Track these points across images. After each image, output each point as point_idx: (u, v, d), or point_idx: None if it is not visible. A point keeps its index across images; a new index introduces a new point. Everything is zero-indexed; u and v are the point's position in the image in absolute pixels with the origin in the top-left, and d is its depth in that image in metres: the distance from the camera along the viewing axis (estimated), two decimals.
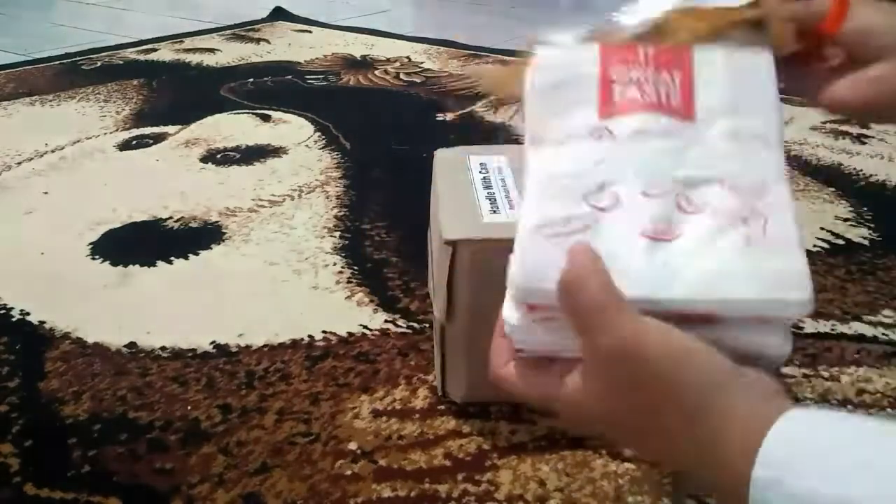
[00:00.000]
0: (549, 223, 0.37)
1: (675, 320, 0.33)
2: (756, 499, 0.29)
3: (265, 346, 0.75)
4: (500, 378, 0.40)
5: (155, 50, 1.87)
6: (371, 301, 0.82)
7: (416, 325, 0.78)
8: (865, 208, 1.05)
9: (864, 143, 1.30)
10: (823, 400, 0.67)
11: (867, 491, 0.27)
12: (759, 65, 0.42)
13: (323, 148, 1.25)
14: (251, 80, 1.62)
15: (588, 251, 0.35)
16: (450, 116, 1.40)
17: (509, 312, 0.38)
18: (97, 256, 0.91)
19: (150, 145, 1.26)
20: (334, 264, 0.90)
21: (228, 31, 2.07)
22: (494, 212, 0.61)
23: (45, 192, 1.08)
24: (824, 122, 1.40)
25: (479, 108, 1.43)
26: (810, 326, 0.78)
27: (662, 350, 0.32)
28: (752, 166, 0.39)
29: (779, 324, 0.37)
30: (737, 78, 0.41)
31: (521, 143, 0.42)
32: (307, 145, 1.26)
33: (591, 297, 0.33)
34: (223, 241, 0.95)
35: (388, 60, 1.79)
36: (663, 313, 0.34)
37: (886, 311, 0.80)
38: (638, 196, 0.37)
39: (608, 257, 0.35)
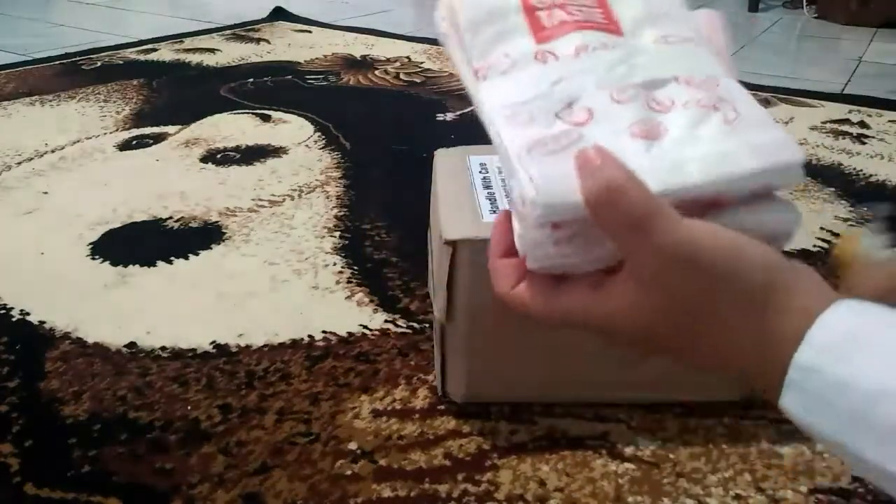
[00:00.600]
0: (539, 143, 0.36)
1: (688, 211, 0.33)
2: (794, 378, 0.29)
3: (265, 346, 0.75)
4: (513, 300, 0.37)
5: (155, 50, 1.87)
6: (371, 301, 0.82)
7: (416, 325, 0.78)
8: (865, 208, 1.05)
9: (864, 143, 1.30)
10: None
11: None
12: None
13: (323, 148, 1.25)
14: (251, 80, 1.62)
15: (608, 155, 0.33)
16: (450, 116, 1.40)
17: (525, 231, 0.36)
18: (97, 256, 0.91)
19: (150, 145, 1.26)
20: (334, 264, 0.90)
21: (228, 31, 2.07)
22: (494, 212, 0.61)
23: (45, 192, 1.08)
24: (824, 123, 1.40)
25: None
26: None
27: (717, 244, 0.31)
28: (696, 63, 0.39)
29: (781, 199, 0.37)
30: None
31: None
32: (307, 145, 1.26)
33: (635, 204, 0.31)
34: (223, 241, 0.95)
35: (388, 60, 1.80)
36: (676, 204, 0.33)
37: None
38: (609, 104, 0.37)
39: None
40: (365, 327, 0.78)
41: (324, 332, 0.77)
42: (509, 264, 0.38)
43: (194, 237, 0.96)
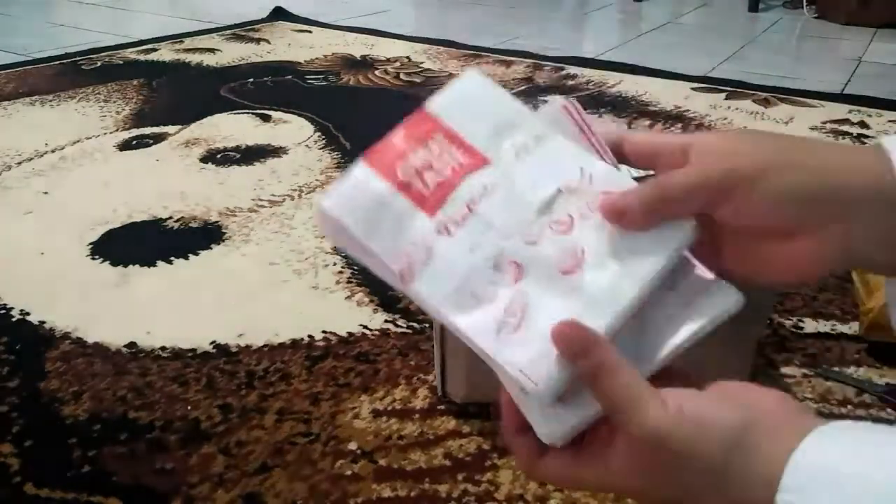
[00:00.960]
0: (498, 325, 0.38)
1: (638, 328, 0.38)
2: None
3: (265, 346, 0.75)
4: (537, 474, 0.40)
5: (155, 50, 1.87)
6: (371, 301, 0.82)
7: (416, 325, 0.78)
8: None
9: (864, 143, 1.30)
10: (823, 400, 0.67)
11: None
12: (474, 78, 0.44)
13: (323, 148, 1.25)
14: (251, 80, 1.62)
15: (584, 330, 0.36)
16: None
17: (533, 414, 0.39)
18: (97, 256, 0.91)
19: (150, 145, 1.26)
20: (334, 264, 0.90)
21: (228, 31, 2.07)
22: None
23: (45, 192, 1.08)
24: (824, 123, 1.40)
25: None
26: (810, 326, 0.78)
27: (679, 431, 0.34)
28: (562, 164, 0.42)
29: (719, 284, 0.41)
30: (471, 103, 0.44)
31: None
32: (307, 145, 1.26)
33: (617, 393, 0.35)
34: (223, 241, 0.95)
35: (388, 60, 1.80)
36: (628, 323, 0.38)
37: None
38: (526, 249, 0.40)
39: (558, 317, 0.38)
40: (365, 327, 0.78)
41: (324, 332, 0.77)
42: (526, 441, 0.40)
43: (194, 237, 0.96)
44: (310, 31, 2.09)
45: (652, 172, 0.43)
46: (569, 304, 0.38)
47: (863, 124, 1.39)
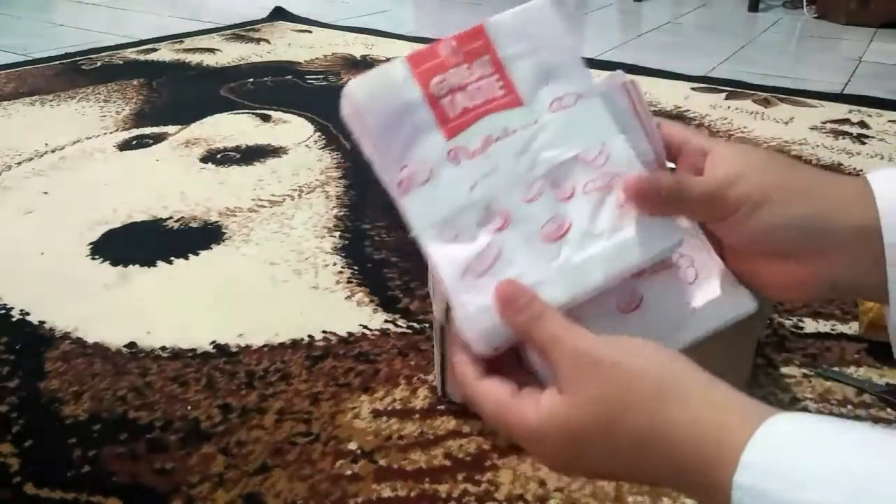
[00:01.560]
0: (466, 266, 0.40)
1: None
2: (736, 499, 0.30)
3: (265, 346, 0.75)
4: (476, 398, 0.39)
5: (155, 50, 1.87)
6: (371, 301, 0.82)
7: (416, 325, 0.78)
8: None
9: (864, 143, 1.30)
10: (823, 400, 0.67)
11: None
12: (543, 9, 0.43)
13: (323, 148, 1.25)
14: (251, 80, 1.62)
15: (523, 290, 0.38)
16: None
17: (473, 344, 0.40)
18: (97, 256, 0.91)
19: (150, 145, 1.26)
20: (334, 264, 0.90)
21: (228, 31, 2.07)
22: None
23: (45, 192, 1.08)
24: (824, 123, 1.40)
25: None
26: (810, 326, 0.78)
27: (611, 350, 0.35)
28: (588, 132, 0.42)
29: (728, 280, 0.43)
30: (530, 34, 0.43)
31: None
32: (307, 145, 1.26)
33: (556, 325, 0.36)
34: (223, 241, 0.95)
35: (388, 60, 1.79)
36: (588, 302, 0.40)
37: None
38: (521, 205, 0.41)
39: (522, 276, 0.39)
40: (365, 327, 0.78)
41: (324, 332, 0.77)
42: (471, 360, 0.40)
43: (194, 237, 0.96)
44: (310, 31, 2.09)
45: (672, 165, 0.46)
46: (536, 268, 0.40)
47: (863, 124, 1.39)
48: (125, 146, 1.25)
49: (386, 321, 0.79)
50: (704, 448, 0.32)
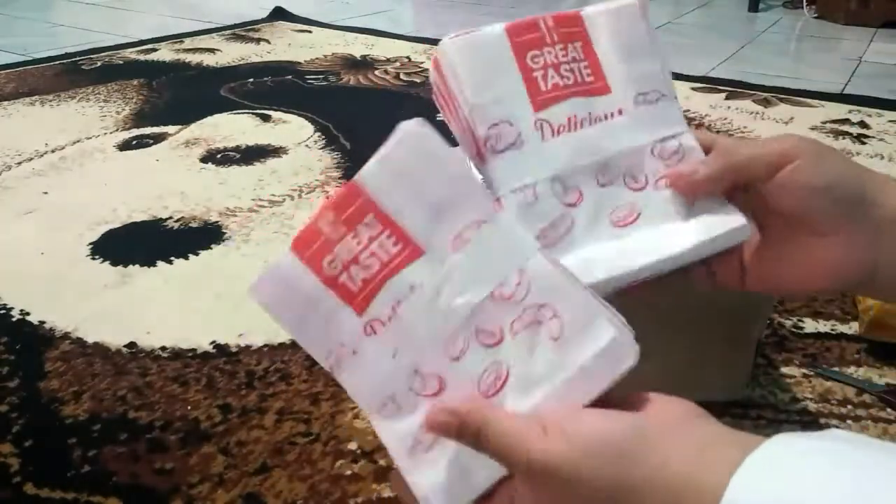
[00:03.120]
0: (414, 442, 0.39)
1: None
2: None
3: (265, 346, 0.75)
4: None
5: (155, 50, 1.87)
6: None
7: None
8: None
9: (864, 143, 1.30)
10: (823, 400, 0.67)
11: None
12: (412, 138, 0.40)
13: (323, 148, 1.25)
14: (251, 80, 1.62)
15: (452, 408, 0.36)
16: None
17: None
18: (97, 256, 0.91)
19: (150, 145, 1.26)
20: None
21: (228, 31, 2.07)
22: None
23: (45, 192, 1.08)
24: (824, 122, 1.40)
25: None
26: (810, 326, 0.78)
27: (566, 459, 0.33)
28: (498, 262, 0.39)
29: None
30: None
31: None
32: (307, 145, 1.26)
33: (504, 433, 0.35)
34: (223, 241, 0.95)
35: (388, 60, 1.80)
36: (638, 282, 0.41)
37: None
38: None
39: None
40: None
41: None
42: None
43: (194, 237, 0.96)
44: (310, 31, 2.09)
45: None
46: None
47: (863, 124, 1.39)
48: (125, 146, 1.25)
49: None
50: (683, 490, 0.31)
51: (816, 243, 0.41)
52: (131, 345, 0.75)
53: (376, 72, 1.70)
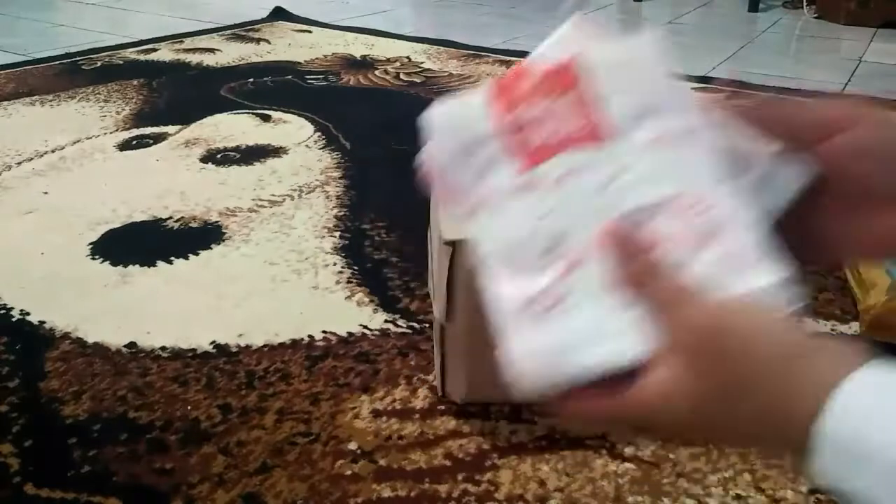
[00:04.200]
0: (526, 303, 0.38)
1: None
2: (817, 442, 0.29)
3: (265, 346, 0.75)
4: (626, 409, 0.37)
5: (155, 50, 1.87)
6: (371, 301, 0.82)
7: (416, 325, 0.78)
8: None
9: None
10: None
11: None
12: (645, 49, 0.40)
13: (323, 148, 1.25)
14: (251, 80, 1.62)
15: (633, 233, 0.37)
16: None
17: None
18: (97, 256, 0.91)
19: (150, 145, 1.26)
20: (334, 264, 0.90)
21: (228, 31, 2.07)
22: None
23: (45, 192, 1.08)
24: None
25: None
26: (810, 326, 0.78)
27: (744, 321, 0.33)
28: (687, 174, 0.38)
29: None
30: (632, 70, 0.40)
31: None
32: (307, 145, 1.26)
33: (675, 282, 0.35)
34: (223, 241, 0.95)
35: (388, 60, 1.79)
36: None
37: None
38: (594, 249, 0.38)
39: (586, 325, 0.36)
40: (365, 327, 0.78)
41: (324, 332, 0.77)
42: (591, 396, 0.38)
43: (194, 237, 0.96)
44: (310, 31, 2.09)
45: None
46: (602, 319, 0.37)
47: None
48: (125, 146, 1.25)
49: (386, 321, 0.79)
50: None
51: (878, 213, 0.39)
52: (131, 345, 0.75)
53: (376, 72, 1.70)
